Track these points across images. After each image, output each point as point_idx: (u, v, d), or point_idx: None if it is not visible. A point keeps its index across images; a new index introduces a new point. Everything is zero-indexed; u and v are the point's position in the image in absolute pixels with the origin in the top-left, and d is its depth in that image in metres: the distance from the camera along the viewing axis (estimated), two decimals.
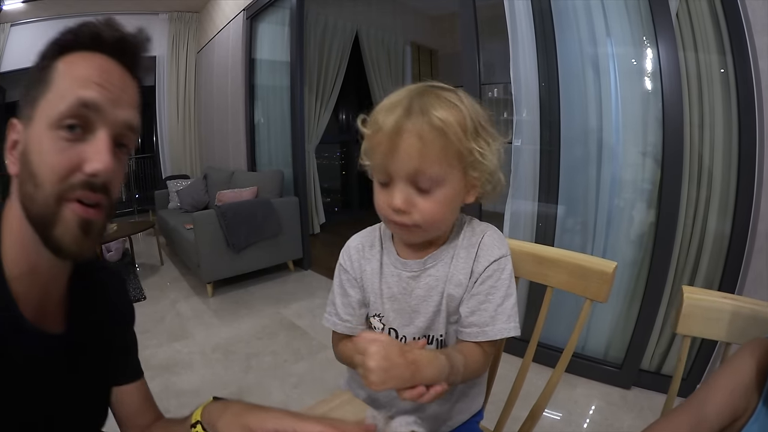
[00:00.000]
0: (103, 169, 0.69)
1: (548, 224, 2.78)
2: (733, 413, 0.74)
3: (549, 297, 1.17)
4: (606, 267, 1.04)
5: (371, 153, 0.92)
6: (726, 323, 0.92)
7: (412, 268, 1.03)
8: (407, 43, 7.30)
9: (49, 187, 0.67)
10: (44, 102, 0.68)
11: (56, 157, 0.68)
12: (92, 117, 0.69)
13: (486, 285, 0.98)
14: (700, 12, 2.18)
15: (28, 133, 0.69)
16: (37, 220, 0.69)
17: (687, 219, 2.32)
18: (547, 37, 2.64)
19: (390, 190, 0.91)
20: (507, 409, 1.24)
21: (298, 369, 2.86)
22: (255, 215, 4.23)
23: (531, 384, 1.25)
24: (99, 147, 0.70)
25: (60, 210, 0.68)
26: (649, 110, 2.36)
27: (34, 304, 0.75)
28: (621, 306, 2.58)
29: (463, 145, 0.87)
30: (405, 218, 0.91)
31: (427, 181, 0.88)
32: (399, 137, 0.86)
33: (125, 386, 0.96)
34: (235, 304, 3.96)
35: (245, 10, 5.47)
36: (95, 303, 0.88)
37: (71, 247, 0.70)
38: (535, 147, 2.74)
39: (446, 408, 1.12)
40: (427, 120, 0.85)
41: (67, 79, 0.69)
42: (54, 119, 0.67)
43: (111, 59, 0.74)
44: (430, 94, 0.89)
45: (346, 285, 1.10)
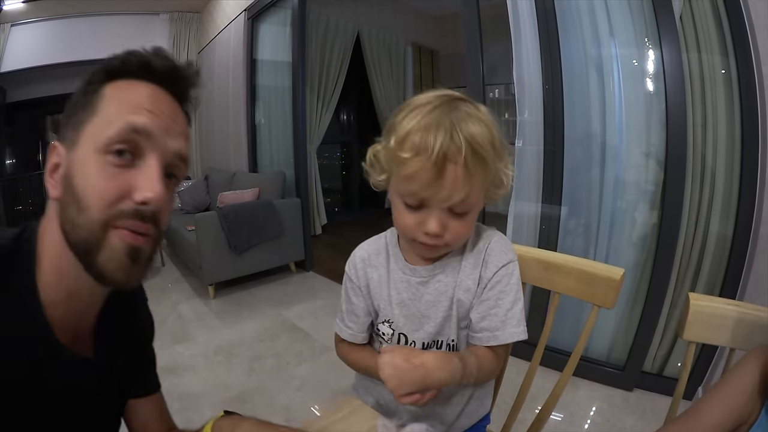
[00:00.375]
0: (154, 198, 0.68)
1: (551, 226, 2.77)
2: (738, 419, 0.76)
3: (556, 303, 1.17)
4: (614, 274, 1.04)
5: (403, 176, 0.87)
6: (730, 329, 0.93)
7: (421, 274, 1.03)
8: (408, 44, 7.31)
9: (95, 212, 0.66)
10: (91, 126, 0.68)
11: (104, 182, 0.67)
12: (142, 143, 0.69)
13: (495, 290, 0.99)
14: (703, 13, 2.18)
15: (72, 157, 0.68)
16: (79, 245, 0.67)
17: (690, 221, 2.33)
18: (551, 38, 2.63)
19: (422, 213, 0.90)
20: (514, 412, 1.25)
21: (301, 371, 2.86)
22: (257, 217, 4.23)
23: (535, 386, 1.25)
24: (150, 175, 0.69)
25: (105, 236, 0.67)
26: (652, 111, 2.36)
27: (69, 329, 0.74)
28: (623, 308, 2.58)
29: (494, 167, 0.88)
30: (437, 241, 0.91)
31: (465, 207, 0.88)
32: (444, 167, 0.83)
33: (142, 398, 0.96)
34: (237, 306, 3.96)
35: (246, 11, 5.46)
36: (121, 323, 0.87)
37: (117, 274, 0.69)
38: (539, 148, 2.73)
39: (455, 412, 1.13)
40: (469, 149, 0.82)
41: (115, 104, 0.69)
42: (102, 143, 0.67)
43: (161, 88, 0.74)
44: (461, 111, 0.86)
45: (351, 293, 1.12)
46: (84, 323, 0.79)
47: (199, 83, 0.79)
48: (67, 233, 0.68)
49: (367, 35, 6.53)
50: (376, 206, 7.82)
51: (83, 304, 0.76)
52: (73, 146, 0.68)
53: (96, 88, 0.70)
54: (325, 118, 6.09)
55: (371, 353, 1.13)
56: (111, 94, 0.70)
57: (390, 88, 6.97)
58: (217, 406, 2.44)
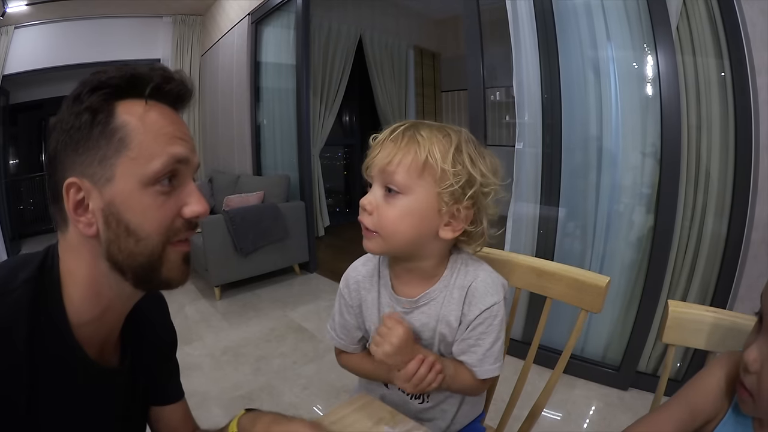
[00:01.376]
0: (204, 212, 0.77)
1: (550, 227, 2.82)
2: (705, 418, 0.85)
3: (548, 307, 1.25)
4: (600, 281, 1.12)
5: None
6: (707, 333, 1.01)
7: (404, 305, 1.08)
8: (410, 47, 7.34)
9: (155, 238, 0.72)
10: (127, 161, 0.69)
11: (160, 211, 0.72)
12: (181, 168, 0.74)
13: (477, 331, 1.04)
14: (699, 19, 2.23)
15: (110, 193, 0.70)
16: (141, 268, 0.73)
17: (684, 224, 2.37)
18: (549, 41, 2.67)
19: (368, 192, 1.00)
20: (509, 408, 1.32)
21: (307, 371, 2.92)
22: (262, 220, 4.29)
23: (531, 384, 1.33)
24: (193, 191, 0.77)
25: (165, 253, 0.74)
26: (648, 114, 2.40)
27: (98, 344, 0.79)
28: (619, 310, 2.63)
29: (437, 164, 0.93)
30: (366, 219, 0.98)
31: (394, 185, 0.95)
32: (383, 143, 0.97)
33: (169, 405, 1.02)
34: (243, 307, 4.02)
35: (250, 15, 5.50)
36: (143, 332, 0.92)
37: (179, 279, 0.78)
38: (537, 150, 2.78)
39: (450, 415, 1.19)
40: (409, 134, 0.95)
41: (150, 136, 0.71)
42: (149, 178, 0.70)
43: (171, 108, 0.77)
44: (430, 123, 1.00)
45: (344, 310, 1.18)
46: (111, 336, 0.84)
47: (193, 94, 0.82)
48: (120, 262, 0.72)
49: (369, 38, 6.57)
50: None
51: (116, 316, 0.81)
52: (108, 182, 0.69)
53: (107, 117, 0.70)
54: (328, 121, 6.13)
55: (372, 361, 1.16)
56: (133, 122, 0.70)
57: (392, 90, 7.02)
58: (225, 405, 2.54)
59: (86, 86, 0.70)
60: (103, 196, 0.70)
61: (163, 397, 1.01)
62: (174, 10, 6.98)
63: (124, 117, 0.70)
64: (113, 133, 0.69)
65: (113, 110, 0.70)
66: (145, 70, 0.74)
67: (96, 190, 0.70)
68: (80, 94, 0.70)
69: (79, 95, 0.70)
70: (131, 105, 0.72)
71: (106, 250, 0.71)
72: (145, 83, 0.72)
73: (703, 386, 0.86)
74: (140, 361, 0.91)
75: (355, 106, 7.73)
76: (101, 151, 0.69)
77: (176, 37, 7.17)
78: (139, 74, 0.72)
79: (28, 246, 7.18)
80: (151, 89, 0.73)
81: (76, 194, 0.70)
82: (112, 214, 0.70)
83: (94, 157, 0.69)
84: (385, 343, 0.92)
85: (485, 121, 2.92)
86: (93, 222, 0.70)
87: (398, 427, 0.93)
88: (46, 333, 0.69)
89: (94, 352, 0.78)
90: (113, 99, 0.71)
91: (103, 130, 0.69)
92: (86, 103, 0.69)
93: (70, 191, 0.69)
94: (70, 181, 0.69)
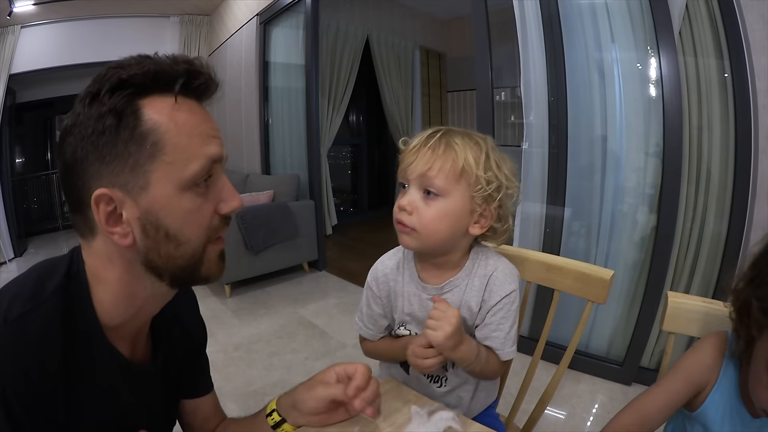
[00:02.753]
0: (240, 205, 0.76)
1: (555, 226, 2.86)
2: (696, 387, 0.97)
3: (557, 299, 1.34)
4: (605, 274, 1.22)
5: (400, 164, 1.09)
6: (702, 322, 1.10)
7: (430, 292, 1.17)
8: (416, 47, 7.37)
9: (195, 241, 0.72)
10: (163, 166, 0.66)
11: (199, 214, 0.71)
12: (216, 166, 0.73)
13: (498, 316, 1.13)
14: (700, 22, 2.28)
15: (146, 200, 0.67)
16: (182, 270, 0.73)
17: (686, 224, 2.42)
18: (556, 42, 2.71)
19: (404, 193, 1.08)
20: (519, 398, 1.42)
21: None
22: (273, 219, 4.34)
23: (537, 380, 1.40)
24: (226, 186, 0.76)
25: (205, 252, 0.74)
26: (651, 114, 2.44)
27: (130, 343, 0.81)
28: (622, 306, 2.67)
29: (472, 170, 1.03)
30: (405, 218, 1.06)
31: (433, 188, 1.03)
32: (419, 150, 1.05)
33: (199, 398, 1.04)
34: (254, 304, 4.06)
35: (259, 15, 5.53)
36: (173, 329, 0.93)
37: (217, 275, 0.78)
38: (544, 150, 2.81)
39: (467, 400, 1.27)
40: (445, 141, 1.04)
41: (184, 137, 0.68)
42: (188, 181, 0.68)
43: (197, 101, 0.74)
44: (459, 130, 1.08)
45: (371, 301, 1.26)
46: (141, 333, 0.85)
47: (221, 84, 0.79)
48: (158, 267, 0.71)
49: (376, 39, 6.61)
50: (385, 206, 7.91)
51: (148, 315, 0.82)
52: (143, 190, 0.66)
53: (135, 120, 0.65)
54: (336, 122, 6.17)
55: (395, 340, 1.27)
56: (164, 123, 0.66)
57: (398, 90, 7.06)
58: (239, 400, 2.59)
59: (104, 84, 0.65)
60: (138, 205, 0.67)
61: (194, 390, 1.03)
62: (181, 10, 7.00)
63: (154, 118, 0.66)
64: (144, 138, 0.65)
65: (139, 111, 0.66)
66: (168, 65, 0.69)
67: (130, 199, 0.67)
68: (99, 94, 0.65)
69: (97, 95, 0.65)
70: (157, 103, 0.68)
71: (144, 256, 0.70)
72: (171, 79, 0.68)
73: (697, 359, 0.98)
74: (172, 357, 0.92)
75: (361, 106, 7.76)
76: (132, 158, 0.65)
77: (183, 36, 7.19)
78: (163, 69, 0.68)
79: (35, 244, 7.22)
80: (180, 84, 0.69)
81: (107, 206, 0.66)
82: (150, 222, 0.68)
83: (125, 165, 0.65)
84: (445, 324, 0.98)
85: (493, 122, 2.96)
86: (128, 232, 0.68)
87: (426, 407, 0.98)
88: (79, 339, 0.69)
89: (127, 351, 0.79)
90: (137, 98, 0.66)
91: (131, 135, 0.65)
92: (108, 104, 0.64)
93: (100, 204, 0.66)
94: (100, 192, 0.65)
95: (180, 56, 0.71)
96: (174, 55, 0.71)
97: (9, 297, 0.67)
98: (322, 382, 0.94)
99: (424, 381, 1.26)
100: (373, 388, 0.91)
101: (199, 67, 0.72)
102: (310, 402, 0.91)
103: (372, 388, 0.90)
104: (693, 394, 0.97)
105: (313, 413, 0.92)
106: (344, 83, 6.24)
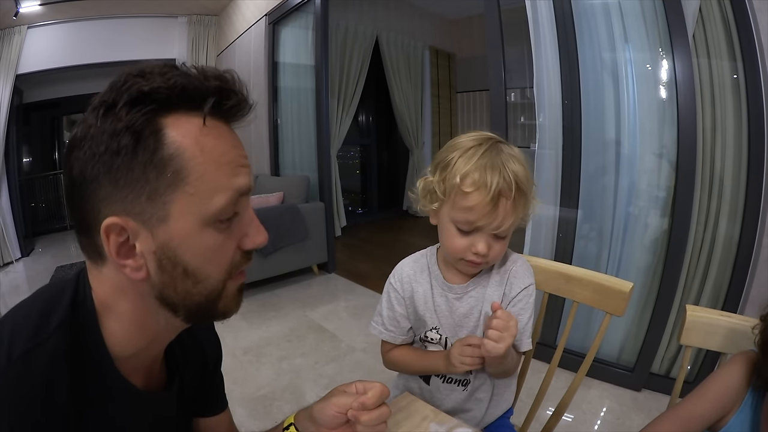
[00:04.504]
0: (266, 240, 0.71)
1: (569, 229, 2.83)
2: (722, 411, 0.95)
3: (574, 310, 1.35)
4: (624, 287, 1.21)
5: (463, 207, 1.05)
6: (722, 337, 1.10)
7: (456, 292, 1.21)
8: (426, 48, 7.39)
9: (215, 278, 0.66)
10: (185, 198, 0.60)
11: (221, 253, 0.66)
12: (242, 199, 0.66)
13: (517, 307, 1.18)
14: (714, 24, 2.25)
15: (164, 234, 0.61)
16: (198, 307, 0.67)
17: (698, 227, 2.40)
18: (569, 43, 2.68)
19: (471, 237, 1.08)
20: (534, 407, 1.41)
21: (329, 370, 2.94)
22: (282, 221, 4.31)
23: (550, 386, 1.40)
24: (253, 220, 0.70)
25: (224, 288, 0.68)
26: (664, 116, 2.42)
27: (144, 373, 0.76)
28: (634, 311, 2.64)
29: (530, 200, 1.07)
30: (482, 259, 1.09)
31: (507, 232, 1.07)
32: (498, 202, 1.02)
33: (213, 417, 0.99)
34: (262, 307, 4.04)
35: (267, 15, 5.52)
36: (189, 350, 0.88)
37: (235, 310, 0.73)
38: (557, 152, 2.79)
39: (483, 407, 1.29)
40: (516, 186, 1.02)
41: (209, 167, 0.61)
42: (212, 216, 0.62)
43: (226, 124, 0.67)
44: (505, 153, 1.06)
45: (394, 302, 1.27)
46: (156, 361, 0.80)
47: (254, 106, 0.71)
48: (174, 303, 0.66)
49: (385, 40, 6.62)
50: (394, 207, 7.95)
51: (161, 345, 0.77)
52: (161, 222, 0.60)
53: (155, 142, 0.58)
54: (345, 122, 6.18)
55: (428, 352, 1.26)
56: (189, 149, 0.59)
57: (408, 91, 7.06)
58: (248, 405, 2.56)
59: (122, 95, 0.57)
60: (155, 238, 0.60)
61: (209, 408, 0.99)
62: (189, 10, 7.01)
63: (177, 141, 0.59)
64: (165, 164, 0.58)
65: (161, 131, 0.58)
66: (197, 79, 0.61)
67: (146, 230, 0.60)
68: (115, 106, 0.57)
69: (113, 106, 0.57)
70: (182, 123, 0.60)
71: (159, 292, 0.65)
72: (200, 97, 0.61)
73: (726, 382, 0.96)
74: (186, 379, 0.87)
75: (371, 107, 7.75)
76: (150, 185, 0.58)
77: (191, 36, 7.20)
78: (193, 84, 0.60)
79: (42, 244, 7.25)
80: (212, 104, 0.62)
81: (118, 236, 0.60)
82: (167, 257, 0.62)
83: (141, 192, 0.58)
84: (508, 336, 0.98)
85: (506, 122, 2.95)
86: (142, 265, 0.62)
87: (445, 425, 0.97)
88: (88, 374, 0.64)
89: (141, 380, 0.74)
90: (159, 115, 0.59)
91: (151, 159, 0.58)
92: (125, 121, 0.57)
93: (110, 234, 0.59)
94: (111, 222, 0.58)
95: (210, 69, 0.63)
96: (203, 68, 0.62)
97: (10, 331, 0.61)
98: (341, 391, 0.90)
99: (448, 386, 1.28)
100: (380, 413, 0.84)
101: (232, 85, 0.64)
102: (327, 410, 0.86)
103: (378, 413, 0.84)
104: (719, 418, 0.96)
105: (328, 426, 0.87)
106: (354, 84, 6.24)
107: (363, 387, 0.89)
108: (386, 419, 0.86)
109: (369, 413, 0.83)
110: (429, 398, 1.29)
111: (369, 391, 0.85)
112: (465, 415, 1.29)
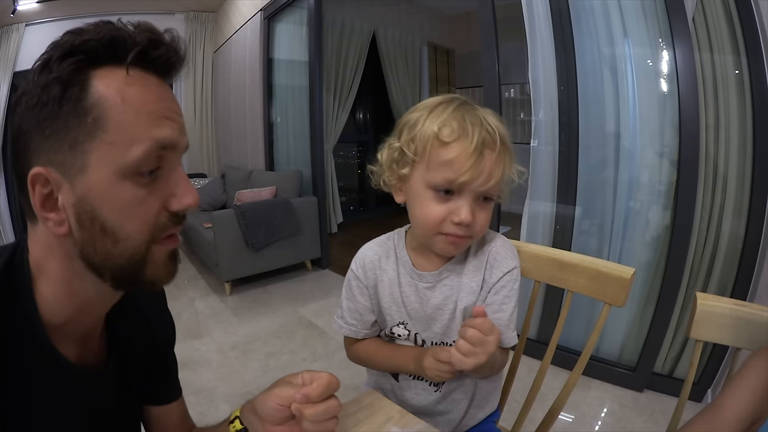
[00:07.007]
0: (196, 203, 0.67)
1: (566, 225, 2.78)
2: (758, 413, 0.77)
3: (569, 301, 1.20)
4: (624, 273, 1.07)
5: (442, 161, 0.90)
6: (737, 329, 0.95)
7: (427, 280, 1.06)
8: (424, 43, 7.33)
9: (136, 239, 0.62)
10: (102, 145, 0.58)
11: (141, 208, 0.62)
12: (167, 154, 0.63)
13: (500, 295, 1.03)
14: (715, 14, 2.19)
15: (81, 186, 0.58)
16: (122, 271, 0.63)
17: (702, 222, 2.33)
18: (565, 38, 2.63)
19: (451, 203, 0.92)
20: (525, 409, 1.27)
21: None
22: (274, 215, 4.26)
23: (545, 385, 1.27)
24: (182, 179, 0.66)
25: (149, 253, 0.64)
26: (665, 112, 2.36)
27: (77, 344, 0.71)
28: (635, 309, 2.58)
29: (513, 160, 0.94)
30: (465, 231, 0.93)
31: (493, 193, 0.93)
32: (483, 153, 0.89)
33: (164, 405, 0.94)
34: (253, 303, 4.00)
35: (263, 10, 5.50)
36: (134, 328, 0.84)
37: (165, 279, 0.68)
38: (554, 148, 2.74)
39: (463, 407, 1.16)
40: (500, 138, 0.90)
41: (131, 115, 0.59)
42: (130, 167, 0.59)
43: (157, 77, 0.65)
44: (479, 110, 0.94)
45: (356, 291, 1.14)
46: (92, 334, 0.76)
47: (186, 59, 0.68)
48: (96, 264, 0.63)
49: (383, 35, 6.56)
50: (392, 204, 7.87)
51: (95, 316, 0.73)
52: (80, 173, 0.58)
53: (80, 91, 0.57)
54: (342, 118, 6.14)
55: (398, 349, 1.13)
56: (111, 98, 0.58)
57: (406, 87, 6.99)
58: (233, 402, 2.48)
59: (57, 50, 0.57)
60: (74, 190, 0.59)
61: (159, 396, 0.93)
62: (186, 7, 7.02)
63: (101, 90, 0.57)
64: (86, 112, 0.57)
65: (87, 82, 0.57)
66: (128, 31, 0.61)
67: (66, 181, 0.59)
68: (49, 61, 0.57)
69: (48, 62, 0.57)
70: (110, 75, 0.59)
71: (80, 251, 0.62)
72: (128, 47, 0.60)
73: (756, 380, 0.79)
74: (131, 358, 0.82)
75: (369, 103, 7.71)
76: (72, 134, 0.57)
77: (188, 33, 7.21)
78: (121, 36, 0.60)
79: None
80: (135, 55, 0.60)
81: (42, 187, 0.59)
82: (85, 211, 0.59)
83: (64, 141, 0.57)
84: (481, 354, 0.82)
85: None
86: (64, 219, 0.60)
87: (408, 427, 0.88)
88: (18, 335, 0.61)
89: (74, 352, 0.70)
90: (88, 67, 0.58)
91: (74, 108, 0.57)
92: (55, 72, 0.56)
93: (36, 184, 0.58)
94: (36, 172, 0.58)
95: (146, 24, 0.62)
96: (140, 23, 0.62)
97: None
98: (286, 382, 0.81)
99: (419, 385, 1.14)
100: (327, 407, 0.74)
101: (161, 36, 0.63)
102: (269, 402, 0.77)
103: (325, 407, 0.74)
104: (749, 424, 0.78)
105: (272, 420, 0.78)
106: (350, 79, 6.20)
107: (310, 377, 0.79)
108: (336, 414, 0.76)
109: (314, 407, 0.73)
110: (399, 396, 1.18)
111: (315, 381, 0.75)
112: (441, 417, 1.17)
